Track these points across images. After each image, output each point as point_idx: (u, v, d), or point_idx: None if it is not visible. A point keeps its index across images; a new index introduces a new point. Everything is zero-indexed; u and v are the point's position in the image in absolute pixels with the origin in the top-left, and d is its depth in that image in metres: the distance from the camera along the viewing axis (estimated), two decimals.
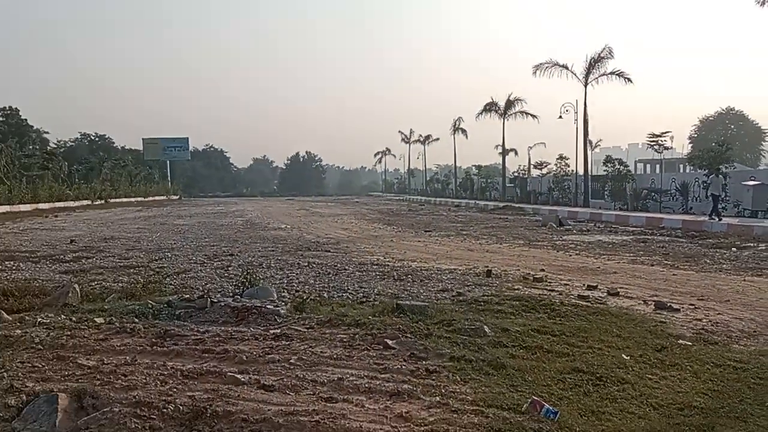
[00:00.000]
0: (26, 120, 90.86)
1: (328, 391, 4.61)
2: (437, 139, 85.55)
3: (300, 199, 70.68)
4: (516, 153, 70.06)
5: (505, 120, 55.32)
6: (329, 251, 15.38)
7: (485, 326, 6.70)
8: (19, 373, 4.83)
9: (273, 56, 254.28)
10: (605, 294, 9.32)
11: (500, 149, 59.77)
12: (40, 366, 5.12)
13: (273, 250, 15.43)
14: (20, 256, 14.15)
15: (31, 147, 65.46)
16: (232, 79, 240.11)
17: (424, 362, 5.47)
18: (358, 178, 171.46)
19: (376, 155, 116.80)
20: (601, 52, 39.42)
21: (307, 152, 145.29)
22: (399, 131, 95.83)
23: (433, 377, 5.08)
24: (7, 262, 12.85)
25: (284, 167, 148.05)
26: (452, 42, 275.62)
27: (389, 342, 6.02)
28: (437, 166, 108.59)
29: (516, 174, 61.32)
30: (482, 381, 5.02)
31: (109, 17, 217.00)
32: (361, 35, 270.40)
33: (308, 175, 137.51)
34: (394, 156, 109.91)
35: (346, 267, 12.16)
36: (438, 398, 4.54)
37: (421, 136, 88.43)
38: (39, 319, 6.95)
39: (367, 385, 4.76)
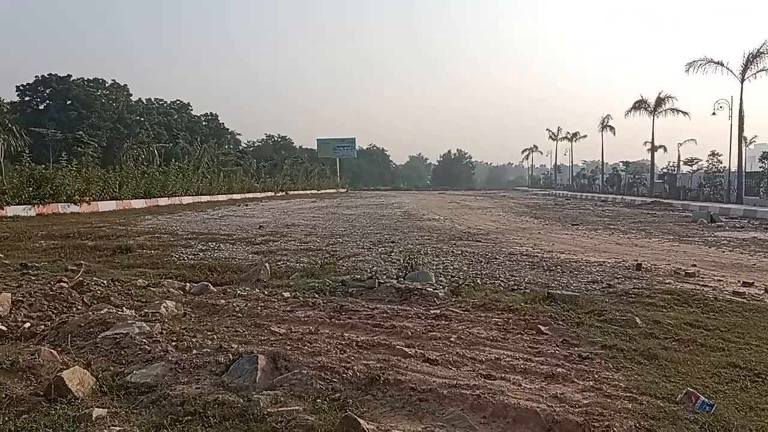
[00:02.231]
0: (223, 124, 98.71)
1: (486, 369, 4.61)
2: (584, 136, 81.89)
3: (451, 193, 70.68)
4: (665, 149, 65.23)
5: (655, 117, 51.77)
6: (480, 241, 15.27)
7: (637, 318, 6.34)
8: (226, 336, 5.28)
9: (427, 61, 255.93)
10: (762, 291, 8.45)
11: (649, 146, 56.07)
12: (241, 331, 5.58)
13: (428, 239, 15.59)
14: (220, 238, 15.43)
15: (227, 147, 71.00)
16: (393, 84, 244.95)
17: (576, 348, 5.29)
18: (505, 173, 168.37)
19: (523, 152, 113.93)
20: (761, 47, 35.66)
21: (458, 150, 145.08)
22: (546, 129, 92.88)
23: (586, 363, 4.90)
24: (210, 243, 14.08)
25: (437, 164, 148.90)
26: (597, 42, 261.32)
27: (542, 328, 5.89)
28: (584, 162, 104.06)
29: (665, 170, 57.21)
30: (635, 370, 4.77)
31: (291, 36, 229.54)
32: (507, 37, 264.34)
33: (458, 171, 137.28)
34: (541, 152, 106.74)
35: (497, 256, 12.01)
36: (591, 383, 4.38)
37: (568, 133, 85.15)
38: (238, 292, 7.57)
39: (522, 366, 4.69)
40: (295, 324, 5.91)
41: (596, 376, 4.55)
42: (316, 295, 7.45)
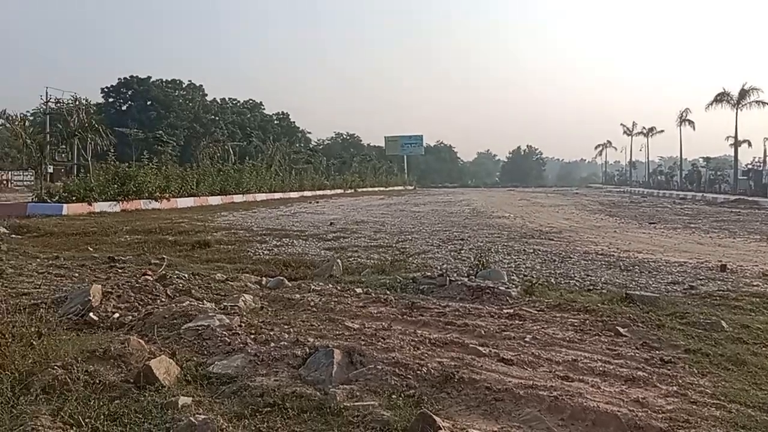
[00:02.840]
0: (294, 122, 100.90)
1: (563, 370, 4.51)
2: (661, 131, 78.64)
3: (520, 190, 69.57)
4: (749, 144, 61.73)
5: (738, 110, 49.14)
6: (553, 240, 14.94)
7: (722, 321, 6.04)
8: (302, 330, 5.40)
9: (496, 56, 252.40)
10: None
11: (731, 140, 53.29)
12: (317, 325, 5.69)
13: (499, 237, 15.39)
14: (293, 234, 15.77)
15: (298, 145, 72.45)
16: (461, 80, 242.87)
17: (657, 352, 5.10)
18: (577, 170, 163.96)
19: (596, 148, 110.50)
20: None
21: (528, 146, 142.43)
22: (621, 124, 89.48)
23: (668, 367, 4.71)
24: (284, 239, 14.42)
25: (506, 160, 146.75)
26: (675, 35, 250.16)
27: (621, 329, 5.70)
28: (660, 158, 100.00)
29: (749, 166, 54.18)
30: (722, 376, 4.55)
31: (360, 34, 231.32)
32: (581, 29, 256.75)
33: (528, 168, 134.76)
34: (615, 148, 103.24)
35: (571, 255, 11.73)
36: (675, 388, 4.21)
37: (644, 128, 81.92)
38: (312, 287, 7.71)
39: (601, 368, 4.56)
40: (368, 320, 5.97)
41: (680, 381, 4.37)
42: (388, 292, 7.49)
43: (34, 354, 4.20)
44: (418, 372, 4.24)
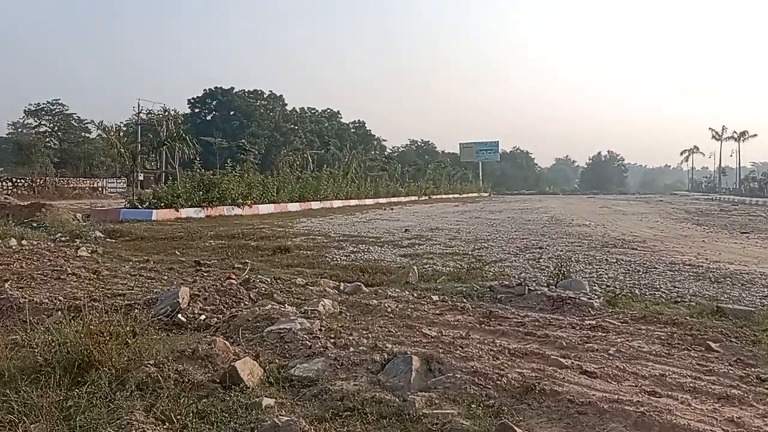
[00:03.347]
0: (370, 130, 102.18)
1: (650, 385, 4.31)
2: (754, 135, 74.44)
3: (601, 198, 67.37)
4: None
5: None
6: (636, 249, 14.35)
7: None
8: (380, 335, 5.43)
9: (574, 58, 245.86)
10: None
11: None
12: (394, 331, 5.71)
13: (579, 246, 14.94)
14: (369, 240, 15.92)
15: (373, 152, 73.26)
16: (538, 85, 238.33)
17: (753, 369, 4.79)
18: (661, 176, 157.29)
19: (681, 153, 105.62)
20: None
21: (609, 151, 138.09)
22: (709, 128, 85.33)
23: (766, 386, 4.42)
24: (360, 245, 14.57)
25: (585, 166, 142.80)
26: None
27: (712, 344, 5.41)
28: (753, 165, 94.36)
29: None
30: None
31: (434, 42, 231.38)
32: (667, 30, 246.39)
33: (609, 174, 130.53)
34: (703, 154, 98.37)
35: (656, 266, 11.22)
36: None
37: (735, 132, 77.71)
38: (389, 293, 7.75)
39: (691, 385, 4.34)
40: (446, 327, 5.93)
41: None
42: (465, 300, 7.43)
43: (129, 352, 4.42)
44: (498, 382, 4.17)
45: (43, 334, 4.74)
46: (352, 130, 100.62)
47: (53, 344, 4.45)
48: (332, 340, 5.10)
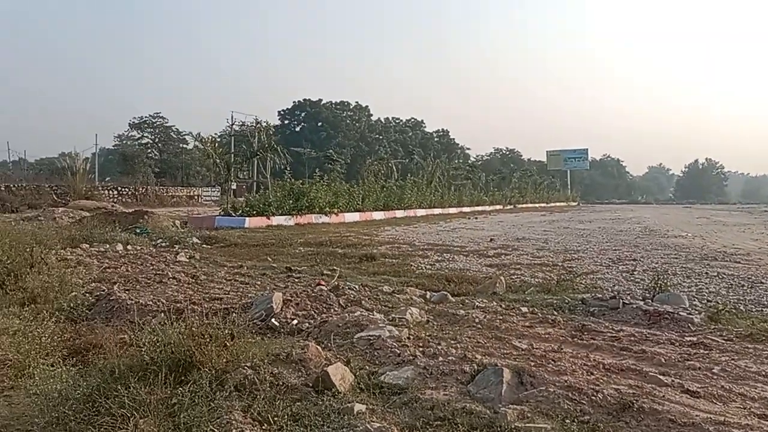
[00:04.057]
0: (454, 139, 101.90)
1: (760, 408, 4.03)
2: None
3: (698, 207, 63.83)
4: None
5: None
6: (740, 262, 13.46)
7: None
8: (468, 346, 5.38)
9: (666, 62, 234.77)
10: None
11: None
12: (483, 342, 5.64)
13: (676, 258, 14.19)
14: (454, 249, 15.82)
15: (457, 161, 72.88)
16: (629, 90, 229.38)
17: None
18: (766, 185, 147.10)
19: None
20: None
21: (706, 159, 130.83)
22: None
23: None
24: (445, 254, 14.51)
25: (681, 174, 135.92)
26: None
27: None
28: None
29: None
30: None
31: (516, 49, 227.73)
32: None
33: (707, 183, 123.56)
34: None
35: (762, 280, 10.47)
36: None
37: None
38: (476, 303, 7.67)
39: None
40: (536, 340, 5.80)
41: None
42: (555, 312, 7.23)
43: (228, 354, 4.60)
44: (593, 398, 4.03)
45: (149, 334, 4.99)
46: (435, 139, 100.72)
47: (158, 344, 4.71)
48: (421, 349, 5.10)
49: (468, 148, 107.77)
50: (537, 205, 66.19)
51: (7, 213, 29.76)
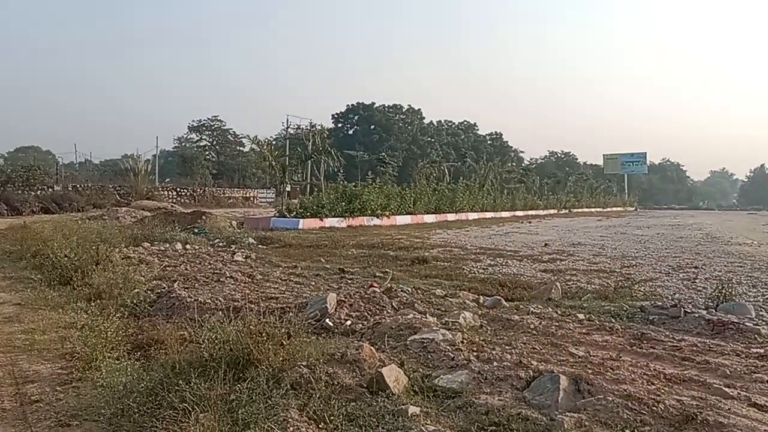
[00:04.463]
0: (507, 142, 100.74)
1: None
2: None
3: (764, 214, 60.96)
4: None
5: None
6: None
7: None
8: (523, 352, 5.31)
9: (727, 62, 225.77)
10: None
11: None
12: (538, 348, 5.55)
13: (741, 266, 13.61)
14: (507, 254, 15.64)
15: (510, 164, 72.03)
16: (688, 93, 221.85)
17: None
18: None
19: None
20: None
21: None
22: None
23: None
24: (498, 258, 14.37)
25: (746, 179, 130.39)
26: None
27: None
28: None
29: None
30: None
31: (573, 50, 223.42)
32: None
33: None
34: None
35: None
36: None
37: None
38: (531, 309, 7.55)
39: None
40: (593, 348, 5.67)
41: None
42: (613, 320, 7.06)
43: (284, 353, 4.68)
44: (654, 408, 3.91)
45: (208, 331, 5.14)
46: (488, 142, 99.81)
47: (217, 341, 4.84)
48: (475, 354, 5.06)
49: (522, 151, 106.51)
50: (593, 209, 64.68)
51: (73, 212, 31.14)
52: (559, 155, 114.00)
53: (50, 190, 39.08)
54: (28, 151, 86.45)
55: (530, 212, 50.20)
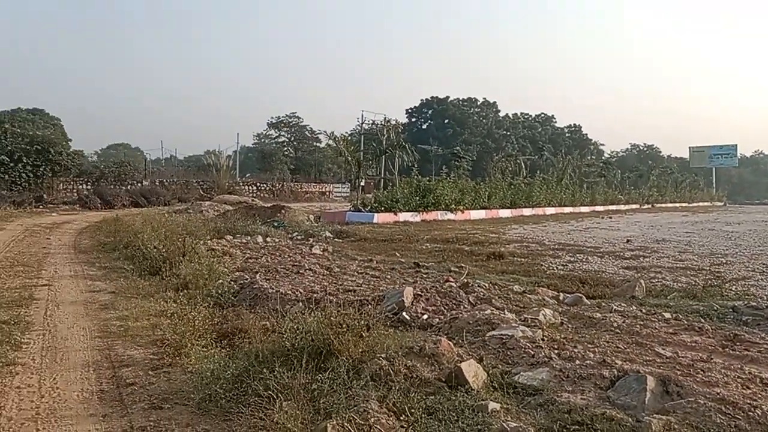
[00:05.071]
0: (586, 134, 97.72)
1: None
2: None
3: None
4: None
5: None
6: None
7: None
8: (607, 351, 5.15)
9: None
10: None
11: None
12: (622, 347, 5.37)
13: None
14: (587, 250, 15.18)
15: (589, 158, 69.78)
16: None
17: None
18: None
19: None
20: None
21: None
22: None
23: None
24: (577, 255, 13.97)
25: None
26: None
27: None
28: None
29: None
30: None
31: (654, 39, 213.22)
32: None
33: None
34: None
35: None
36: None
37: None
38: (613, 307, 7.31)
39: None
40: (682, 348, 5.43)
41: None
42: (702, 320, 6.73)
43: (363, 344, 4.75)
44: (750, 414, 3.71)
45: (290, 321, 5.27)
46: (566, 135, 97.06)
47: (299, 332, 4.96)
48: (556, 351, 4.96)
49: (602, 144, 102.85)
50: (677, 204, 61.70)
51: (160, 206, 32.67)
52: (641, 148, 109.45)
53: (139, 184, 41.19)
54: (119, 148, 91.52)
55: (611, 207, 48.44)
